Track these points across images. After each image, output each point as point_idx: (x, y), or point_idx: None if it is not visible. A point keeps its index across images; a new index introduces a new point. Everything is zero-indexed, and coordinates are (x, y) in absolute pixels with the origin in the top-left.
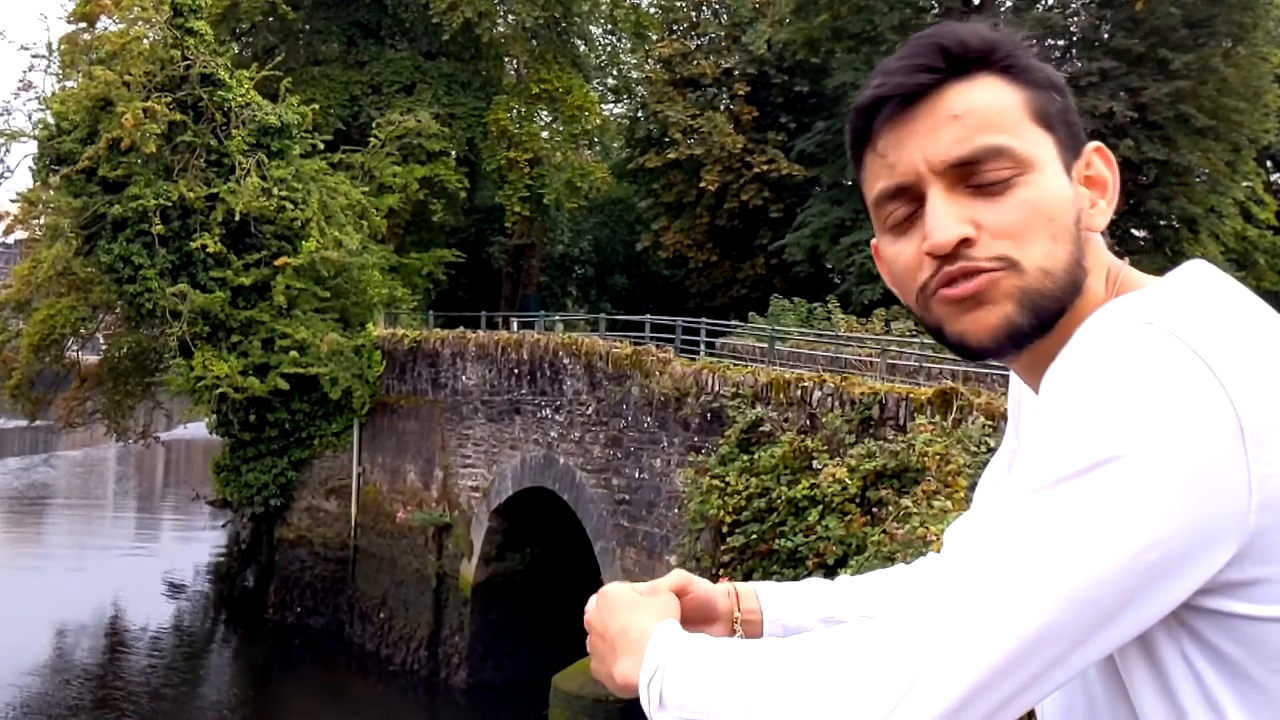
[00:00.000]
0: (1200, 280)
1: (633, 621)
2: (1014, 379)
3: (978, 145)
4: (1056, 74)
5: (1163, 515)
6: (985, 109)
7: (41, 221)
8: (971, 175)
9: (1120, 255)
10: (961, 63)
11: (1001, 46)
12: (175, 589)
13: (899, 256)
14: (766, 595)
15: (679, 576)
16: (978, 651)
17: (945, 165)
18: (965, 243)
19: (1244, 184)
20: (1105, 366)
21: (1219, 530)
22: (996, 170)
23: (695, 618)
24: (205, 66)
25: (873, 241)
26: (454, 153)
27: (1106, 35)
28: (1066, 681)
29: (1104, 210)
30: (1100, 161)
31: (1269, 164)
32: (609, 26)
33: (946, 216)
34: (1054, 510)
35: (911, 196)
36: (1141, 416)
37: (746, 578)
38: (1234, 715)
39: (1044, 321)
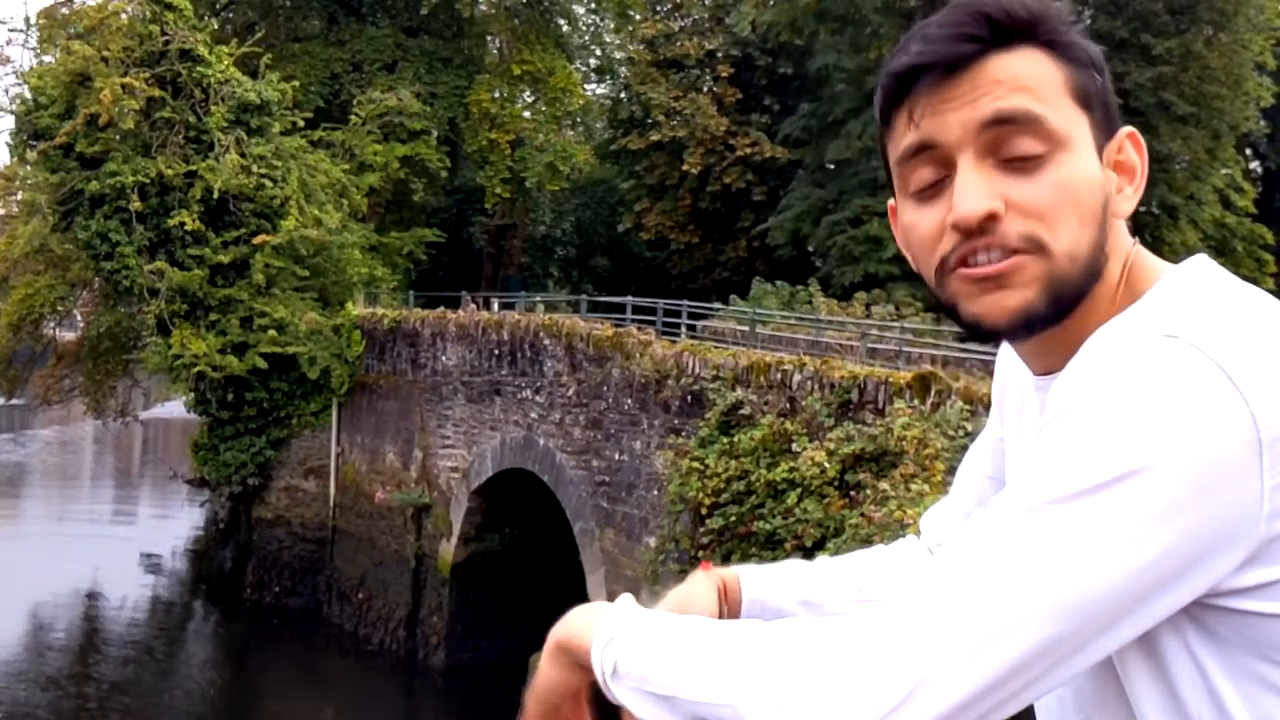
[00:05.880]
0: (1212, 283)
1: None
2: (1001, 365)
3: (1016, 104)
4: (1098, 52)
5: (1180, 526)
6: (1025, 77)
7: (18, 197)
8: (1002, 145)
9: None
10: (1005, 33)
11: (1046, 20)
12: (153, 568)
13: (918, 225)
14: (746, 576)
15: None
16: (986, 660)
17: (980, 124)
18: (992, 218)
19: (1223, 171)
20: (1131, 380)
21: (1230, 537)
22: (1029, 143)
23: None
24: (184, 42)
25: (890, 202)
26: (435, 132)
27: (1089, 19)
28: (1066, 681)
29: (1130, 196)
30: (1132, 147)
31: (1248, 151)
32: (592, 5)
33: (976, 189)
34: (1072, 523)
35: (939, 160)
36: (1166, 431)
37: (725, 559)
38: (1235, 707)
39: (1063, 308)
